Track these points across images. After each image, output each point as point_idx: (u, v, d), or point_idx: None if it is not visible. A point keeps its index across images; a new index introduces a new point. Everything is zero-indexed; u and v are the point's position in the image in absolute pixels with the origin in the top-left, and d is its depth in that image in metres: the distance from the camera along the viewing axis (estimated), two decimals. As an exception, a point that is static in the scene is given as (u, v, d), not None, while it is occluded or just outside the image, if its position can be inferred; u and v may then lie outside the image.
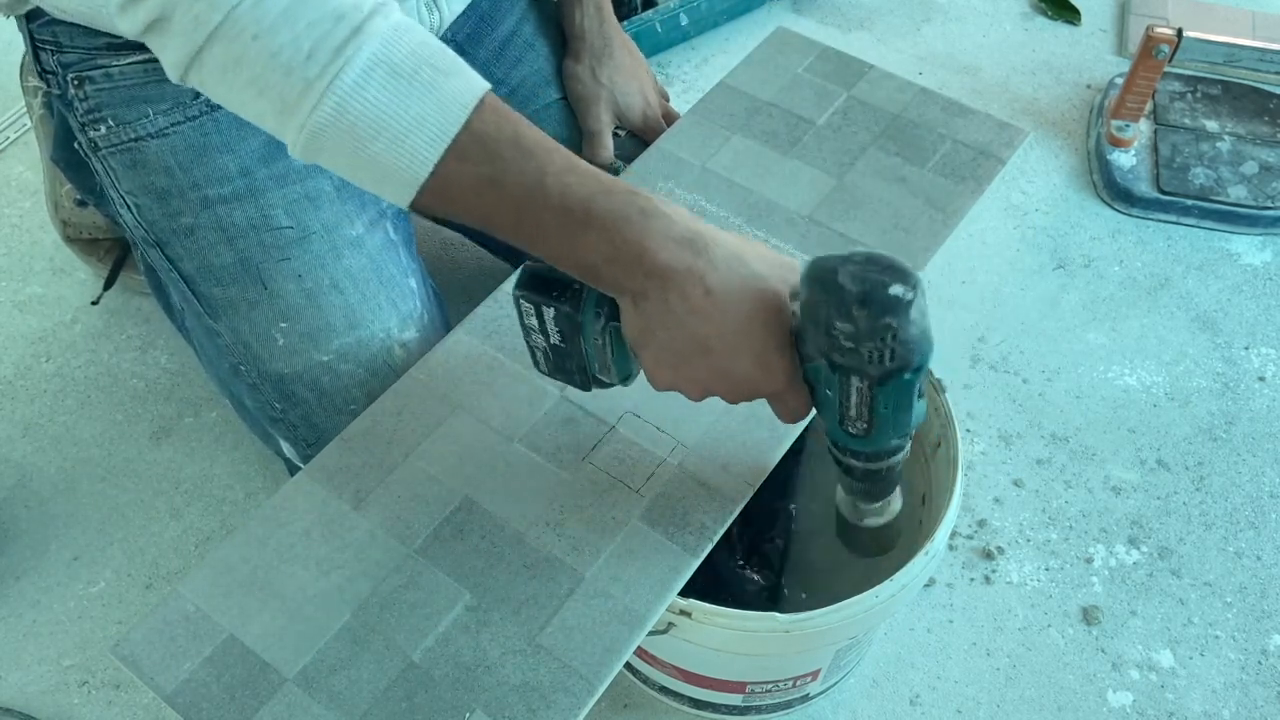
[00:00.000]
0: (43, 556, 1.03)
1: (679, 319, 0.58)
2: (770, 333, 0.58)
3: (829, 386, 0.58)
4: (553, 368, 0.66)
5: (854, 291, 0.52)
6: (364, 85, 0.55)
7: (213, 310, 0.82)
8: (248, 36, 0.54)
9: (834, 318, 0.54)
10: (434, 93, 0.56)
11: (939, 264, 1.27)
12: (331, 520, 0.67)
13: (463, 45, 0.95)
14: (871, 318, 0.52)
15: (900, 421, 0.58)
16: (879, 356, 0.54)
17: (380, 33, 0.55)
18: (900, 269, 0.53)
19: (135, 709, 0.93)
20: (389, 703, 0.60)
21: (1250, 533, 1.05)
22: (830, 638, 0.72)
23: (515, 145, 0.57)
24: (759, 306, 0.58)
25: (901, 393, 0.56)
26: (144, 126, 0.80)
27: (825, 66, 0.95)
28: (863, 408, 0.57)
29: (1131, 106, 1.33)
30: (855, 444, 0.60)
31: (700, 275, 0.57)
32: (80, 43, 0.79)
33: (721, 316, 0.58)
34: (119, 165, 0.82)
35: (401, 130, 0.55)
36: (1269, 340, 1.21)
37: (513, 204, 0.57)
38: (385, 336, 0.81)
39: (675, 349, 0.59)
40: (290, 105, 0.55)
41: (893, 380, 0.55)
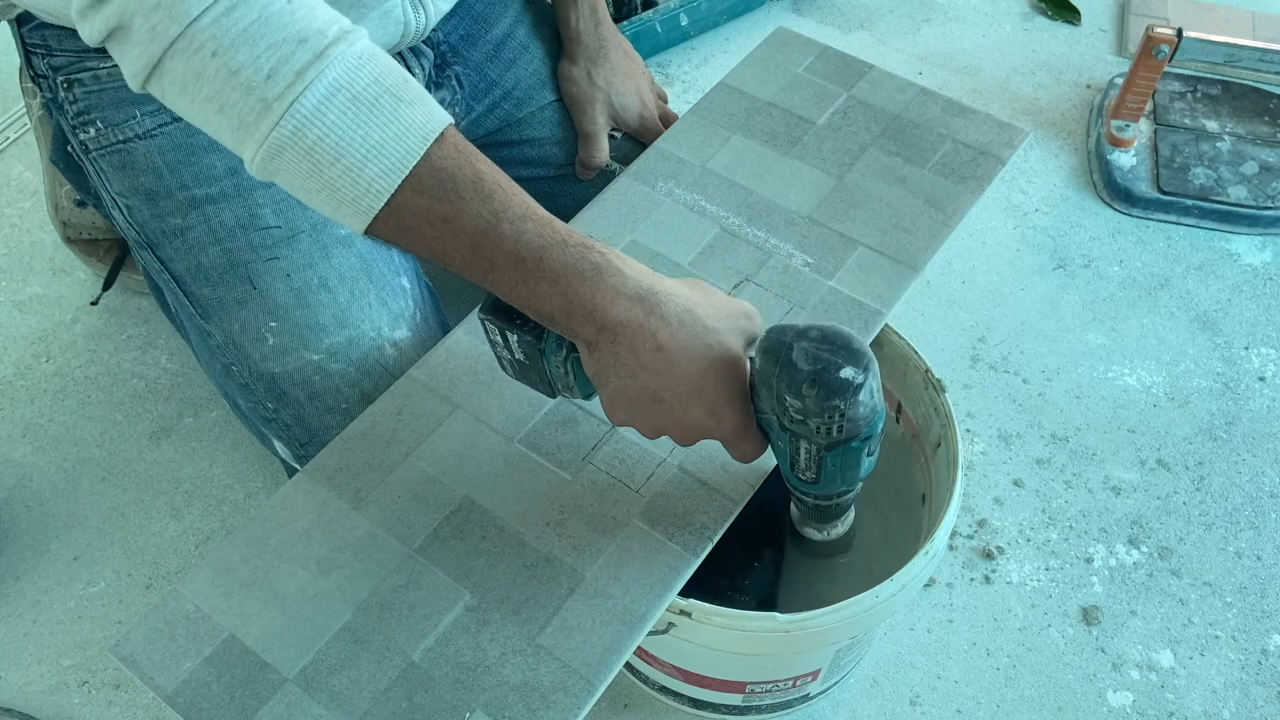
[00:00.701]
0: (43, 556, 1.03)
1: (630, 371, 0.59)
2: (722, 386, 0.60)
3: (780, 440, 0.60)
4: (519, 376, 0.67)
5: (805, 371, 0.54)
6: (324, 110, 0.55)
7: (204, 310, 0.82)
8: (207, 53, 0.54)
9: (784, 393, 0.55)
10: (394, 122, 0.56)
11: (939, 264, 1.27)
12: (331, 520, 0.67)
13: (456, 47, 0.95)
14: (820, 399, 0.54)
15: (848, 476, 0.60)
16: (826, 430, 0.55)
17: (343, 59, 0.55)
18: (853, 350, 0.55)
19: (135, 709, 0.93)
20: (389, 703, 0.60)
21: (1250, 533, 1.05)
22: (830, 638, 0.72)
23: (474, 185, 0.57)
24: (711, 362, 0.59)
25: (849, 456, 0.58)
26: (132, 128, 0.80)
27: (825, 66, 0.95)
28: (811, 463, 0.59)
29: (1131, 106, 1.33)
30: (805, 487, 0.63)
31: (651, 332, 0.58)
32: (69, 45, 0.79)
33: (672, 371, 0.59)
34: (109, 167, 0.82)
35: (359, 158, 0.55)
36: (1269, 340, 1.21)
37: (467, 244, 0.57)
38: (376, 335, 0.81)
39: (628, 396, 0.60)
40: (248, 124, 0.55)
41: (840, 447, 0.57)
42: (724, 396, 0.60)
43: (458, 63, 0.95)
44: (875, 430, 0.57)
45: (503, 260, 0.57)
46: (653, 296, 0.59)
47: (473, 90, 0.96)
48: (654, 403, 0.60)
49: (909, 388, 0.88)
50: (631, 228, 0.82)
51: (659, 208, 0.84)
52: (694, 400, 0.60)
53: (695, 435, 0.62)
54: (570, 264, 0.57)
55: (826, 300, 0.78)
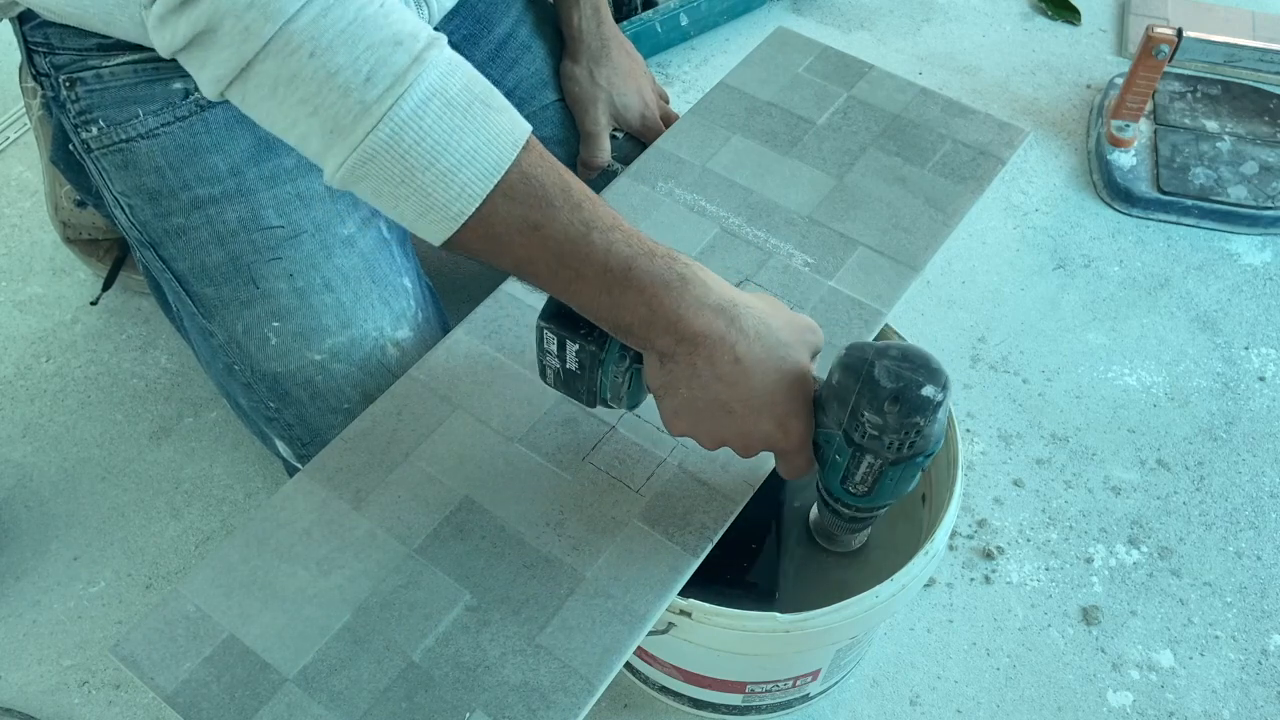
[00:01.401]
0: (43, 556, 1.03)
1: (705, 383, 0.59)
2: (792, 399, 0.61)
3: (839, 454, 0.61)
4: (561, 385, 0.66)
5: (888, 388, 0.55)
6: (421, 114, 0.54)
7: (206, 310, 0.82)
8: (305, 54, 0.53)
9: (863, 408, 0.56)
10: (486, 128, 0.56)
11: (939, 264, 1.27)
12: (331, 520, 0.67)
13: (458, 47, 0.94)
14: (901, 415, 0.55)
15: (900, 490, 0.61)
16: (899, 446, 0.57)
17: (438, 63, 0.55)
18: (933, 369, 0.57)
19: (135, 709, 0.93)
20: (389, 703, 0.60)
21: (1250, 533, 1.05)
22: (830, 638, 0.72)
23: (564, 193, 0.57)
24: (784, 375, 0.60)
25: (909, 471, 0.59)
26: (135, 127, 0.80)
27: (825, 66, 0.95)
28: (869, 478, 0.61)
29: (1131, 106, 1.33)
30: (851, 499, 0.64)
31: (731, 344, 0.59)
32: (71, 44, 0.79)
33: (748, 383, 0.59)
34: (111, 166, 0.82)
35: (453, 163, 0.55)
36: (1269, 340, 1.21)
37: (554, 252, 0.57)
38: (378, 335, 0.81)
39: (697, 407, 0.61)
40: (344, 127, 0.54)
41: (905, 463, 0.58)
42: (793, 409, 0.61)
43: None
44: (939, 448, 0.58)
45: (590, 270, 0.57)
46: (733, 309, 0.59)
47: None
48: (724, 414, 0.60)
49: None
50: (631, 228, 0.82)
51: (659, 208, 0.84)
52: (765, 412, 0.60)
53: (758, 447, 0.62)
54: (658, 274, 0.58)
55: (826, 300, 0.78)
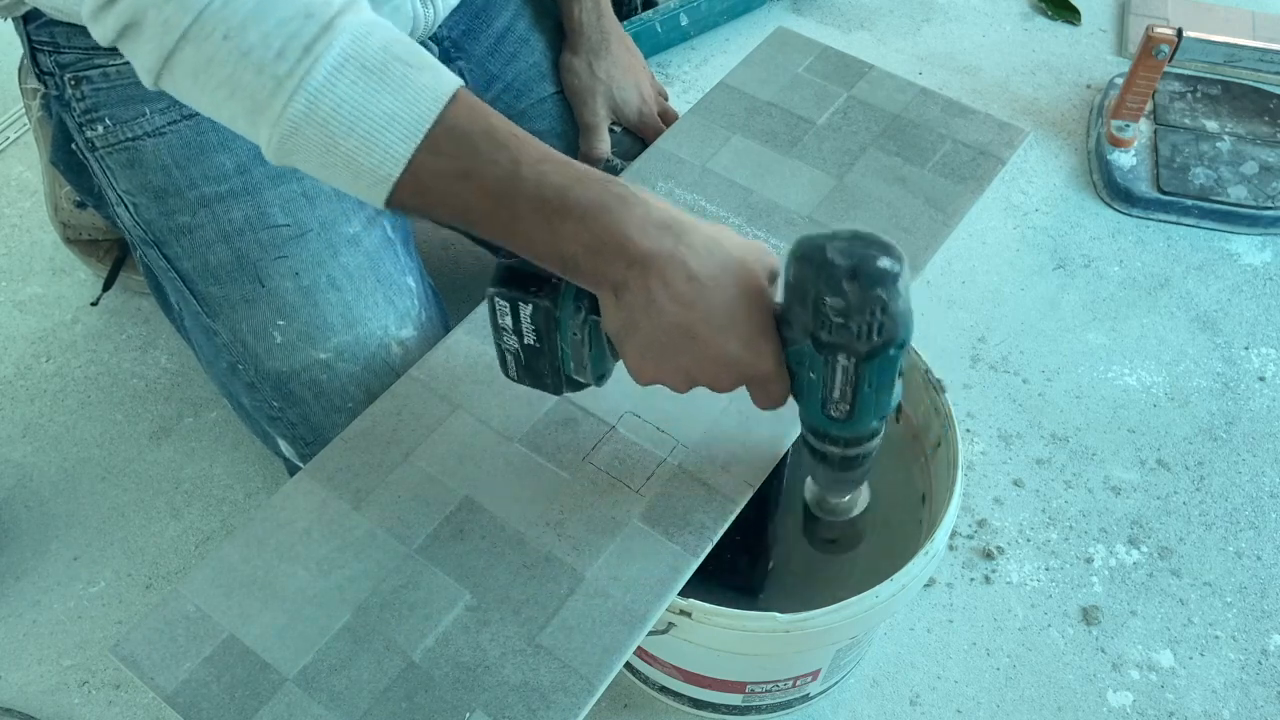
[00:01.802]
0: (43, 556, 1.03)
1: (662, 307, 0.57)
2: (756, 314, 0.59)
3: (813, 369, 0.58)
4: (523, 371, 0.65)
5: (844, 266, 0.53)
6: (334, 81, 0.54)
7: (210, 309, 0.82)
8: (218, 36, 0.54)
9: (824, 293, 0.54)
10: (406, 88, 0.56)
11: (939, 264, 1.27)
12: (331, 520, 0.67)
13: (458, 41, 0.95)
14: (862, 290, 0.53)
15: (882, 402, 0.58)
16: (867, 331, 0.54)
17: (350, 28, 0.55)
18: (885, 243, 0.54)
19: (135, 709, 0.93)
20: (389, 703, 0.60)
21: (1250, 533, 1.05)
22: (830, 638, 0.72)
23: (488, 137, 0.57)
24: (743, 289, 0.58)
25: (886, 369, 0.57)
26: (141, 125, 0.80)
27: (825, 66, 0.95)
28: (847, 388, 0.58)
29: (1131, 106, 1.33)
30: (836, 428, 0.60)
31: (682, 260, 0.57)
32: (77, 43, 0.79)
33: (706, 301, 0.58)
34: (116, 165, 0.82)
35: (374, 126, 0.55)
36: (1269, 340, 1.21)
37: (488, 196, 0.57)
38: (383, 334, 0.81)
39: (660, 339, 0.59)
40: (261, 104, 0.55)
41: (879, 356, 0.56)
42: (757, 326, 0.59)
43: (460, 57, 0.95)
44: (909, 335, 0.56)
45: (525, 205, 0.57)
46: (679, 226, 0.58)
47: (475, 85, 0.96)
48: (688, 341, 0.58)
49: (909, 388, 0.88)
50: (631, 228, 0.82)
51: (659, 208, 0.84)
52: (729, 332, 0.58)
53: (730, 373, 0.60)
54: (595, 198, 0.57)
55: (826, 300, 0.78)
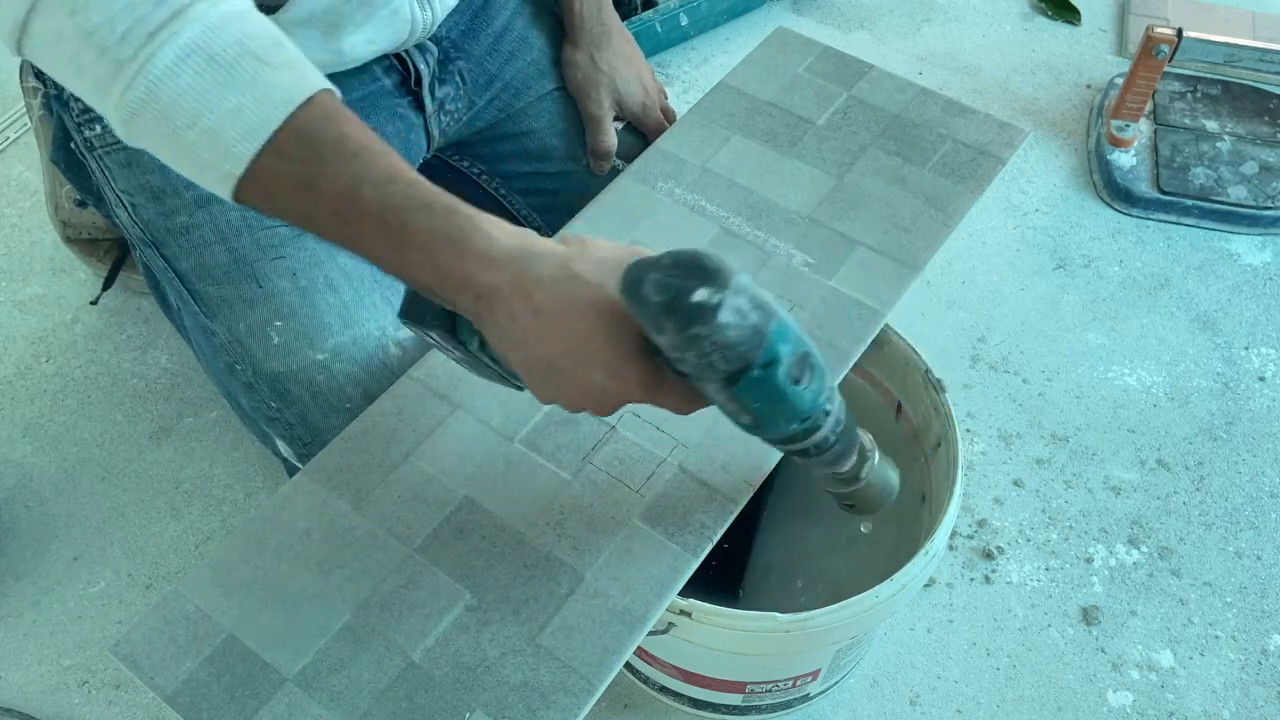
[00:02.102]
0: (43, 556, 1.03)
1: (515, 344, 0.56)
2: (615, 343, 0.55)
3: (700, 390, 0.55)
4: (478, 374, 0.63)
5: (657, 303, 0.49)
6: (177, 71, 0.52)
7: (208, 309, 0.82)
8: (65, 12, 0.52)
9: (650, 331, 0.51)
10: (255, 85, 0.53)
11: (939, 264, 1.27)
12: (331, 520, 0.67)
13: (458, 42, 0.94)
14: (679, 330, 0.49)
15: (783, 413, 0.53)
16: (709, 363, 0.50)
17: (203, 19, 0.53)
18: (706, 269, 0.49)
19: (135, 709, 0.93)
20: (389, 703, 0.60)
21: (1250, 533, 1.05)
22: (830, 638, 0.72)
23: (337, 146, 0.54)
24: (596, 320, 0.55)
25: (762, 390, 0.51)
26: None
27: (825, 66, 0.95)
28: (734, 404, 0.53)
29: (1131, 106, 1.33)
30: (754, 433, 0.56)
31: (526, 294, 0.54)
32: None
33: (555, 336, 0.55)
34: (114, 164, 0.82)
35: (216, 121, 0.53)
36: (1269, 340, 1.21)
37: (331, 210, 0.55)
38: (380, 335, 0.81)
39: (529, 372, 0.57)
40: (104, 87, 0.54)
41: (742, 380, 0.51)
42: (620, 355, 0.55)
43: (460, 58, 0.95)
44: (776, 355, 0.50)
45: (367, 227, 0.54)
46: (524, 259, 0.55)
47: (475, 85, 0.96)
48: (553, 374, 0.56)
49: (909, 388, 0.88)
50: (632, 228, 0.82)
51: (659, 208, 0.84)
52: (590, 363, 0.55)
53: (609, 402, 0.57)
54: (436, 229, 0.54)
55: (826, 300, 0.78)
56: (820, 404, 0.54)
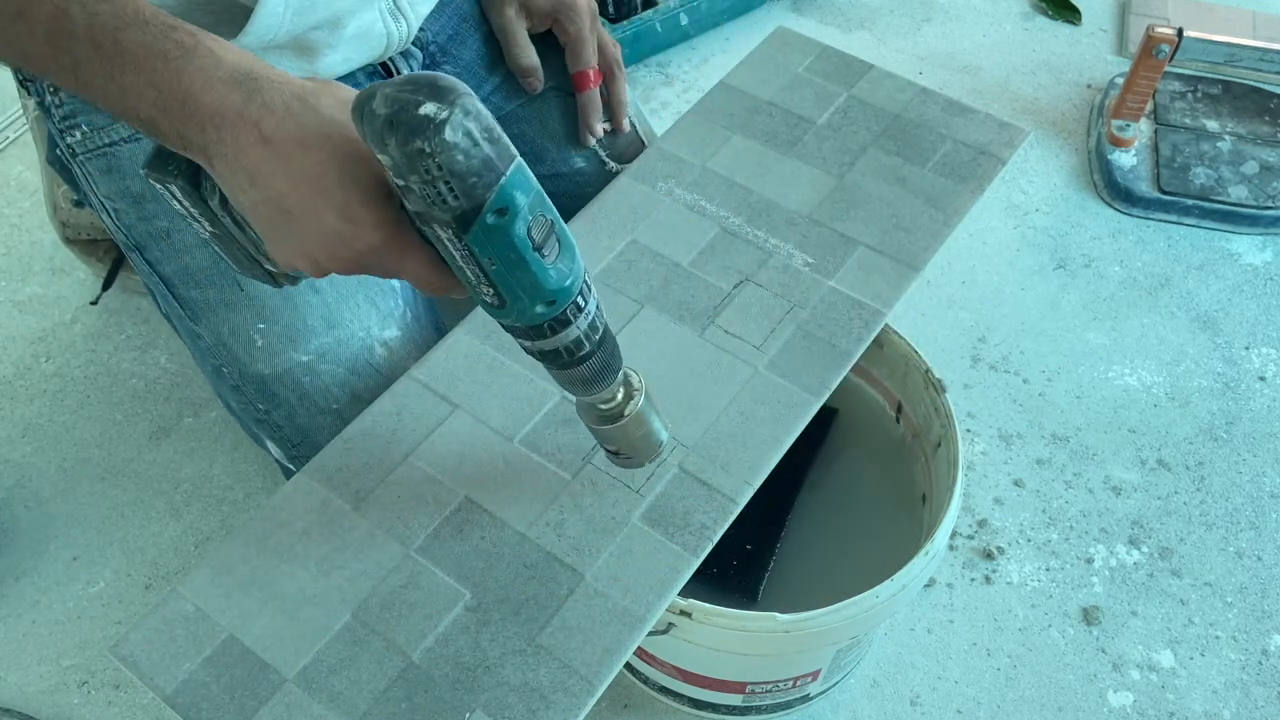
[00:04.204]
0: (43, 556, 1.03)
1: (242, 181, 0.51)
2: (350, 181, 0.51)
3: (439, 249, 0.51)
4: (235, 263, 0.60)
5: (382, 115, 0.45)
6: None
7: (192, 313, 0.82)
8: None
9: (374, 150, 0.47)
10: None
11: (939, 264, 1.27)
12: (331, 520, 0.67)
13: (445, 46, 0.94)
14: (402, 144, 0.45)
15: (525, 284, 0.50)
16: (438, 195, 0.46)
17: None
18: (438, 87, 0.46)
19: (135, 709, 0.93)
20: (389, 703, 0.60)
21: (1251, 533, 1.05)
22: (830, 638, 0.72)
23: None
24: (331, 153, 0.51)
25: (496, 242, 0.48)
26: (116, 131, 0.80)
27: (825, 66, 0.94)
28: (470, 265, 0.50)
29: (1132, 106, 1.33)
30: (501, 318, 0.53)
31: (254, 121, 0.50)
32: None
33: (285, 169, 0.51)
34: (95, 170, 0.82)
35: None
36: (1269, 340, 1.21)
37: (44, 37, 0.52)
38: (365, 335, 0.80)
39: (259, 217, 0.53)
40: None
41: (476, 226, 0.47)
42: (356, 196, 0.51)
43: (447, 62, 0.94)
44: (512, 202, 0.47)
45: (81, 50, 0.51)
46: (253, 81, 0.51)
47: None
48: (283, 216, 0.52)
49: (909, 388, 0.88)
50: (631, 228, 0.82)
51: (659, 208, 0.84)
52: (320, 202, 0.51)
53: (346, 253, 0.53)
54: (151, 44, 0.51)
55: (826, 300, 0.78)
56: (570, 289, 0.51)
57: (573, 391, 0.59)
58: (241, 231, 0.57)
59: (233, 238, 0.57)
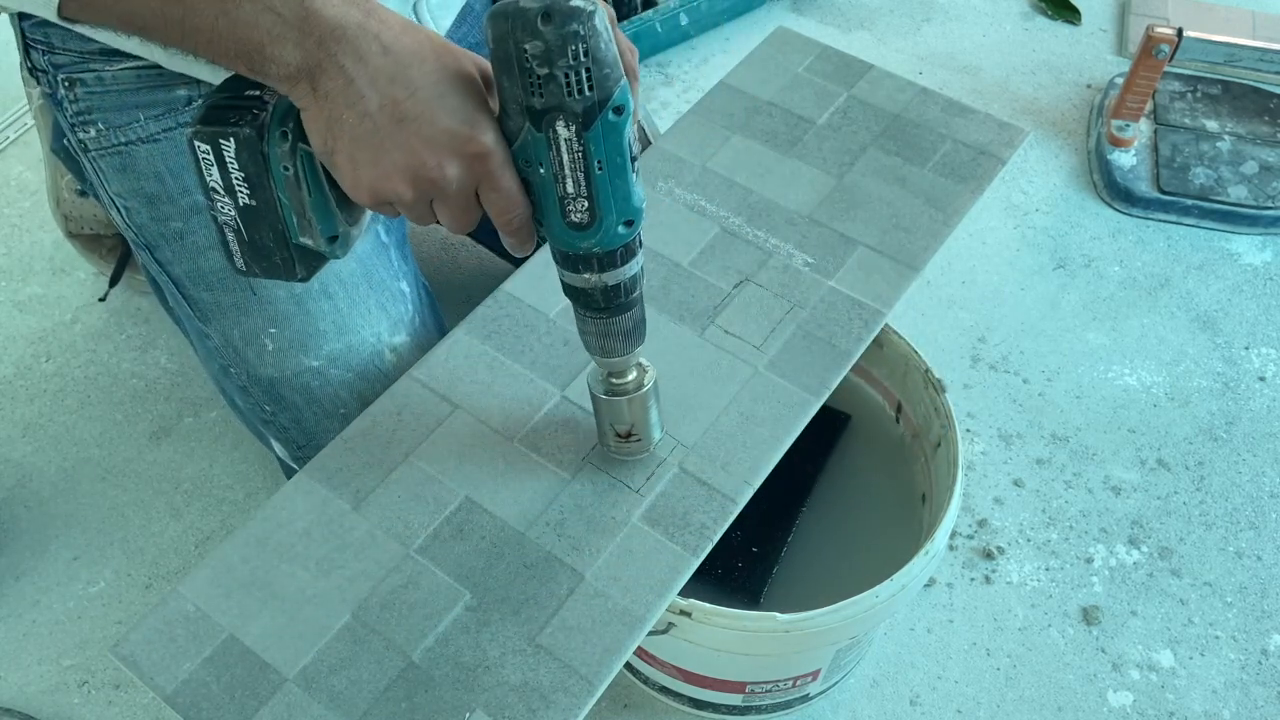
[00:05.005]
0: (43, 556, 1.03)
1: (361, 90, 0.54)
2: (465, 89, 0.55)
3: (540, 160, 0.55)
4: (249, 252, 0.60)
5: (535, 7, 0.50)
6: None
7: (203, 314, 0.82)
8: None
9: (522, 40, 0.51)
10: None
11: (939, 264, 1.27)
12: (331, 520, 0.67)
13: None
14: (558, 27, 0.50)
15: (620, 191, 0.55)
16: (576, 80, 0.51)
17: None
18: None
19: (135, 709, 0.93)
20: (389, 703, 0.60)
21: (1250, 533, 1.05)
22: (830, 638, 0.72)
23: None
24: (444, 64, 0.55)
25: (610, 141, 0.53)
26: (135, 131, 0.80)
27: (825, 66, 0.95)
28: (578, 174, 0.54)
29: (1132, 106, 1.33)
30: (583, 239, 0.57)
31: (375, 33, 0.54)
32: (72, 45, 0.78)
33: (407, 74, 0.54)
34: (108, 168, 0.82)
35: None
36: (1269, 340, 1.21)
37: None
38: (375, 341, 0.80)
39: (367, 131, 0.54)
40: None
41: (598, 122, 0.52)
42: (472, 102, 0.54)
43: None
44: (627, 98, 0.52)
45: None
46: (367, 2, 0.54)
47: None
48: (397, 125, 0.54)
49: (909, 388, 0.88)
50: (631, 228, 0.82)
51: (659, 208, 0.84)
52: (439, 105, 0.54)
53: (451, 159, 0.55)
54: None
55: (826, 300, 0.78)
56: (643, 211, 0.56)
57: (609, 349, 0.63)
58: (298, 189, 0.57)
59: (271, 207, 0.57)
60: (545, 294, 0.78)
